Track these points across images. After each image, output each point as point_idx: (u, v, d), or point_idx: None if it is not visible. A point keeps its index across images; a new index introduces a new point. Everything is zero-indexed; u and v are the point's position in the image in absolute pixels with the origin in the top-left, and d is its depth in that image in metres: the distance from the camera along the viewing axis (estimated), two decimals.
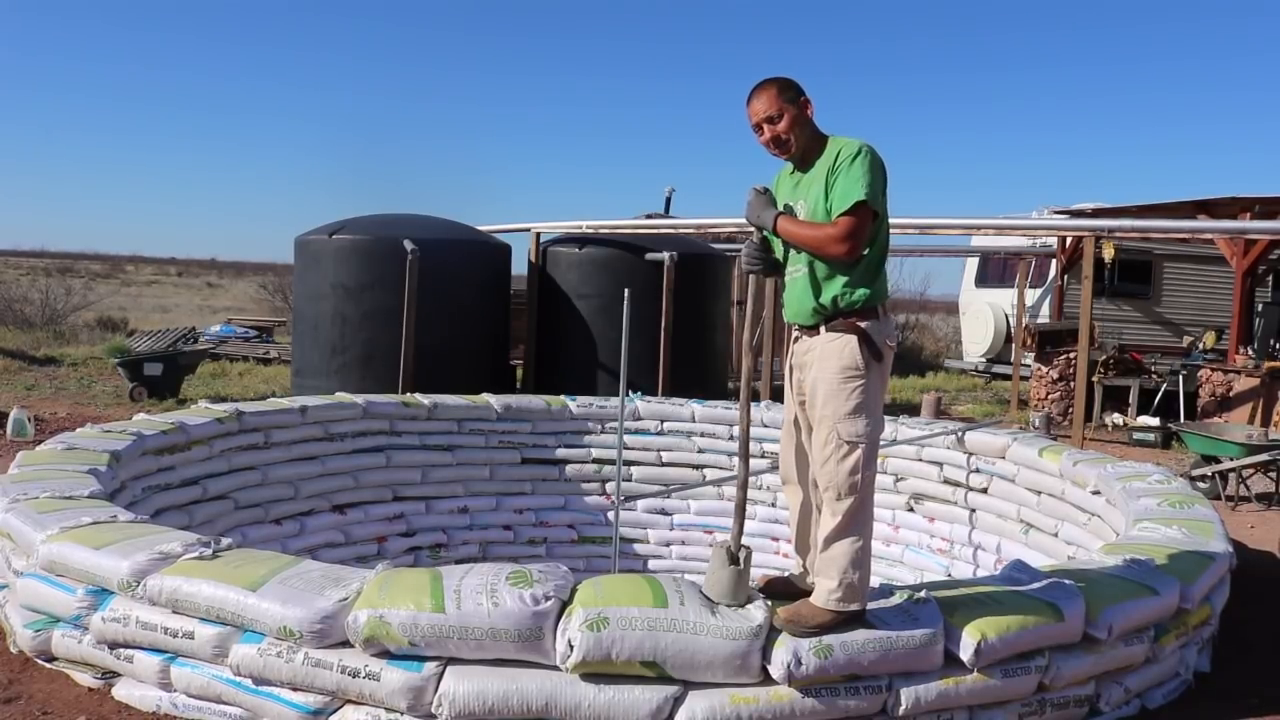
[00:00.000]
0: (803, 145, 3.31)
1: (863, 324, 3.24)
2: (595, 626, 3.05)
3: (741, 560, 3.30)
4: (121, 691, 3.52)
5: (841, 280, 3.24)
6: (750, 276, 3.49)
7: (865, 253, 3.24)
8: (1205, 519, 4.61)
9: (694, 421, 7.29)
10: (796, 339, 3.43)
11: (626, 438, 6.96)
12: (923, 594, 3.47)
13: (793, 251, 3.36)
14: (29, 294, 23.89)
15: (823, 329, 3.29)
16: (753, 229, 3.39)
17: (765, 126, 3.30)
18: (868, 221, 3.16)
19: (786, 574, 3.75)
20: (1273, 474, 8.45)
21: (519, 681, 3.08)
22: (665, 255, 11.19)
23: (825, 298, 3.26)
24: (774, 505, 7.00)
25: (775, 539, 6.96)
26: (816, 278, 3.27)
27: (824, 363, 3.26)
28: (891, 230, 3.40)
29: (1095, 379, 12.45)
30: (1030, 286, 15.54)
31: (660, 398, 8.08)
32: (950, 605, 3.39)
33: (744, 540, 3.39)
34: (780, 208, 3.34)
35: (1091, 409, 12.14)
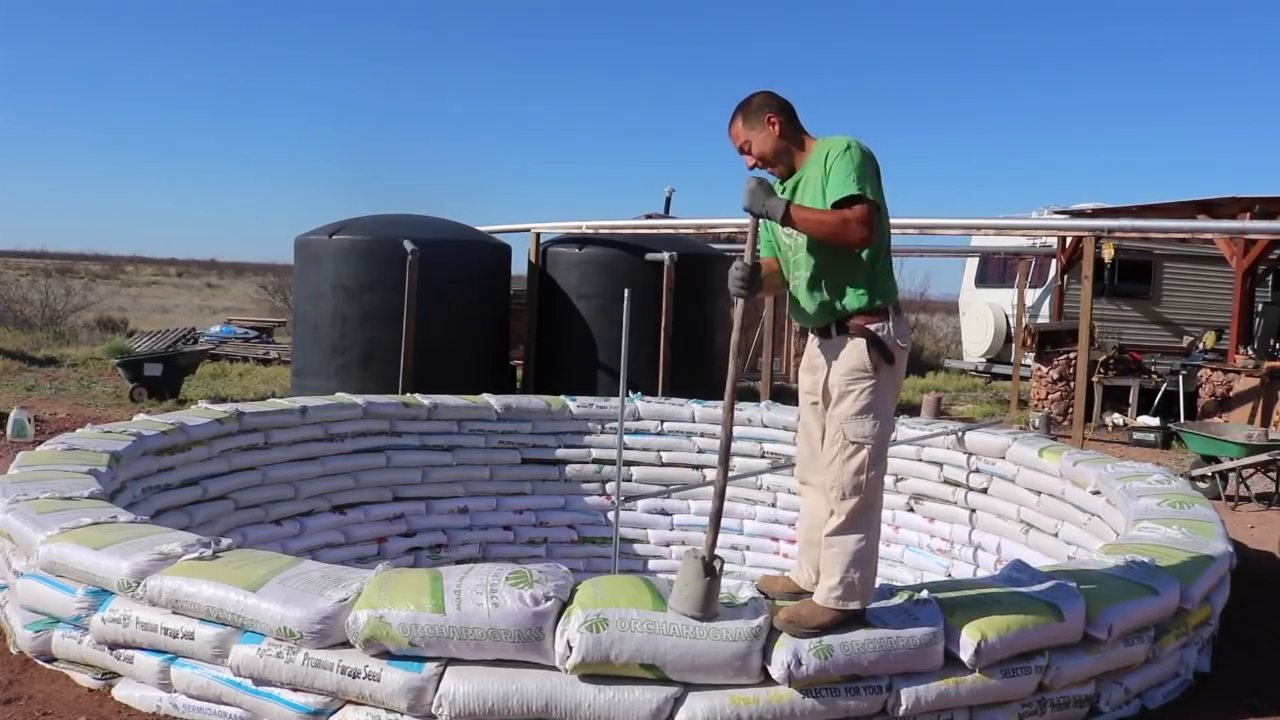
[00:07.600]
0: (785, 160, 3.34)
1: (872, 326, 3.25)
2: (594, 628, 3.05)
3: (716, 571, 3.17)
4: (121, 692, 3.52)
5: (848, 282, 3.26)
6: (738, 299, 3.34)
7: (865, 251, 3.25)
8: (1205, 519, 4.60)
9: (694, 421, 7.29)
10: (810, 339, 3.44)
11: (626, 438, 6.96)
12: (923, 594, 3.47)
13: (794, 257, 3.36)
14: (29, 295, 23.86)
15: (834, 332, 3.31)
16: (740, 253, 3.36)
17: (743, 155, 3.39)
18: (874, 210, 3.17)
19: (786, 574, 3.75)
20: (1273, 474, 8.45)
21: (519, 682, 3.08)
22: (665, 255, 11.19)
23: (834, 299, 3.27)
24: (774, 505, 6.99)
25: (775, 539, 6.94)
26: (823, 281, 3.28)
27: (835, 364, 3.29)
28: (891, 230, 3.40)
29: (1095, 379, 12.44)
30: (1030, 286, 15.53)
31: (660, 398, 8.08)
32: (950, 605, 3.39)
33: (744, 542, 3.37)
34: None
35: (1091, 409, 12.14)
